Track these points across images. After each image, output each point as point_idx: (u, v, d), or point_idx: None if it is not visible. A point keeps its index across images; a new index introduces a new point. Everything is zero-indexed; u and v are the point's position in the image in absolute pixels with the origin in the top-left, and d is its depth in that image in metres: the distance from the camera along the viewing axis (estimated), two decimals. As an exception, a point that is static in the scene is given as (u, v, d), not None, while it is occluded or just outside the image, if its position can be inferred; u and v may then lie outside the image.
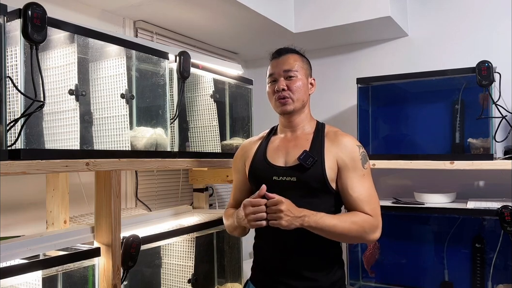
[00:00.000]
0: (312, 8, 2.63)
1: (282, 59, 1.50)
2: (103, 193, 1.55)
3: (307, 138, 1.49)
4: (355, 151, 1.44)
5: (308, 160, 1.40)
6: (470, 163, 2.09)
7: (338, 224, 1.35)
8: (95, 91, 1.63)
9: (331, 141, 1.46)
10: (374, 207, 1.41)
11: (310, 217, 1.33)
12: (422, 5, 2.73)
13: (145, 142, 1.74)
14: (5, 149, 1.25)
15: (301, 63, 1.51)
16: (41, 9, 1.28)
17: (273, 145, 1.55)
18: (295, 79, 1.47)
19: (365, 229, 1.38)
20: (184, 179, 2.63)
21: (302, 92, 1.48)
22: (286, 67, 1.48)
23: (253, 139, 1.65)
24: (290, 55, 1.51)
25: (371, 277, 2.49)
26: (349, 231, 1.36)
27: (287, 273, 1.43)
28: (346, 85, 2.91)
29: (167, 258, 1.98)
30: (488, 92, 2.12)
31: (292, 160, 1.45)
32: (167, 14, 2.37)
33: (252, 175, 1.54)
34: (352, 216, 1.39)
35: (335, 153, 1.44)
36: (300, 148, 1.46)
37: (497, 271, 2.13)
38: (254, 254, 1.56)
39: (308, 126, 1.53)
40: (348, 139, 1.47)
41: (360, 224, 1.37)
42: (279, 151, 1.51)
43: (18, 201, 1.84)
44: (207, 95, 2.16)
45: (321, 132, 1.50)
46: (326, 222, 1.34)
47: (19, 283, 1.32)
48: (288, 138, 1.53)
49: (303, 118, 1.53)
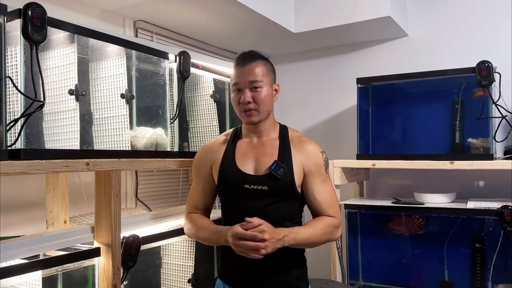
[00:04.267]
0: (312, 8, 2.63)
1: (247, 69, 1.48)
2: (103, 193, 1.55)
3: (274, 145, 1.53)
4: (319, 158, 1.52)
5: (279, 171, 1.46)
6: (470, 163, 2.09)
7: (311, 234, 1.44)
8: (95, 91, 1.63)
9: (296, 148, 1.52)
10: (335, 209, 1.53)
11: (288, 236, 1.38)
12: (422, 5, 2.73)
13: (145, 142, 1.74)
14: (5, 149, 1.25)
15: (266, 71, 1.51)
16: (41, 9, 1.28)
17: (240, 150, 1.55)
18: (260, 91, 1.48)
19: (331, 232, 1.49)
20: (184, 179, 2.63)
21: (267, 102, 1.50)
22: (251, 78, 1.47)
23: (217, 142, 1.63)
24: (254, 64, 1.49)
25: (371, 277, 2.49)
26: (320, 238, 1.46)
27: (259, 272, 1.47)
28: (346, 85, 2.91)
29: (167, 258, 1.98)
30: (488, 92, 2.13)
31: (263, 169, 1.48)
32: (167, 14, 2.37)
33: (222, 180, 1.54)
34: (319, 222, 1.48)
35: (301, 160, 1.50)
36: (268, 156, 1.50)
37: (497, 271, 2.13)
38: (224, 252, 1.56)
39: (273, 131, 1.57)
40: (312, 146, 1.54)
41: (327, 230, 1.48)
42: (248, 157, 1.53)
43: (18, 201, 1.84)
44: (207, 95, 2.16)
45: (286, 138, 1.55)
46: (302, 236, 1.41)
47: (19, 283, 1.32)
48: (254, 144, 1.55)
49: (268, 125, 1.55)
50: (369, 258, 2.51)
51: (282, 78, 2.21)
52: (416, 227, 2.35)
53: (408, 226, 2.39)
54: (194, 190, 1.64)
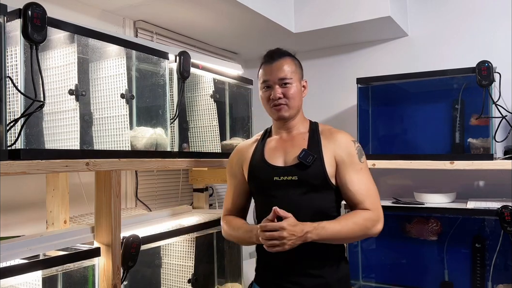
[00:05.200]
0: (312, 8, 2.63)
1: (275, 65, 1.50)
2: (103, 193, 1.55)
3: (304, 138, 1.51)
4: (350, 146, 1.48)
5: (308, 158, 1.42)
6: (470, 163, 2.09)
7: (341, 229, 1.37)
8: (95, 91, 1.63)
9: (327, 138, 1.49)
10: (373, 201, 1.44)
11: (312, 232, 1.33)
12: (422, 5, 2.73)
13: (145, 142, 1.74)
14: (5, 149, 1.25)
15: (294, 67, 1.52)
16: (41, 9, 1.28)
17: (270, 146, 1.55)
18: (290, 87, 1.49)
19: (367, 226, 1.40)
20: (184, 179, 2.63)
21: (297, 98, 1.51)
22: (281, 75, 1.48)
23: (247, 142, 1.65)
24: (283, 61, 1.50)
25: (371, 277, 2.49)
26: (353, 232, 1.39)
27: (294, 272, 1.43)
28: (346, 85, 2.91)
29: (167, 258, 1.98)
30: (488, 92, 2.13)
31: (292, 159, 1.46)
32: (167, 14, 2.37)
33: (252, 176, 1.54)
34: (352, 216, 1.41)
35: (332, 149, 1.46)
36: (297, 147, 1.47)
37: (497, 271, 2.13)
38: (258, 255, 1.55)
39: (302, 126, 1.56)
40: (342, 135, 1.50)
41: (362, 223, 1.39)
42: (277, 151, 1.52)
43: (18, 201, 1.84)
44: (207, 95, 2.16)
45: (316, 131, 1.53)
46: (329, 231, 1.35)
47: (19, 283, 1.32)
48: (284, 139, 1.55)
49: (297, 121, 1.55)
50: (369, 258, 2.51)
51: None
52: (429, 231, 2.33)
53: (415, 227, 2.39)
54: (228, 192, 1.65)
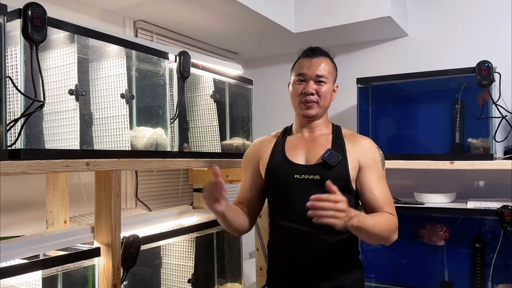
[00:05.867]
0: (312, 8, 2.63)
1: (315, 61, 1.48)
2: (103, 193, 1.55)
3: (327, 139, 1.50)
4: (375, 153, 1.47)
5: (333, 158, 1.40)
6: (470, 163, 2.09)
7: (376, 224, 1.31)
8: (95, 91, 1.63)
9: (351, 142, 1.48)
10: (393, 209, 1.42)
11: (357, 217, 1.24)
12: (422, 5, 2.73)
13: (145, 142, 1.74)
14: (5, 149, 1.25)
15: (332, 69, 1.52)
16: (41, 9, 1.28)
17: (290, 143, 1.53)
18: (324, 86, 1.48)
19: (392, 229, 1.37)
20: (184, 179, 2.63)
21: (328, 98, 1.50)
22: (319, 72, 1.47)
23: (266, 138, 1.62)
24: (323, 59, 1.50)
25: (371, 276, 2.49)
26: (383, 231, 1.33)
27: (310, 274, 1.41)
28: (346, 85, 2.89)
29: (167, 258, 1.98)
30: (488, 92, 2.13)
31: (315, 159, 1.44)
32: (167, 14, 2.37)
33: (271, 174, 1.50)
34: (381, 215, 1.38)
35: (356, 153, 1.45)
36: (321, 147, 1.45)
37: (497, 271, 2.13)
38: (271, 256, 1.53)
39: (325, 128, 1.54)
40: (367, 141, 1.50)
41: (390, 224, 1.36)
42: (298, 149, 1.50)
43: (18, 201, 1.84)
44: (207, 95, 2.16)
45: (339, 133, 1.52)
46: (369, 222, 1.28)
47: (19, 283, 1.32)
48: (306, 138, 1.53)
49: (322, 121, 1.54)
50: (369, 258, 2.51)
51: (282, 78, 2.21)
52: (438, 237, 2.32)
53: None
54: (241, 185, 1.63)
